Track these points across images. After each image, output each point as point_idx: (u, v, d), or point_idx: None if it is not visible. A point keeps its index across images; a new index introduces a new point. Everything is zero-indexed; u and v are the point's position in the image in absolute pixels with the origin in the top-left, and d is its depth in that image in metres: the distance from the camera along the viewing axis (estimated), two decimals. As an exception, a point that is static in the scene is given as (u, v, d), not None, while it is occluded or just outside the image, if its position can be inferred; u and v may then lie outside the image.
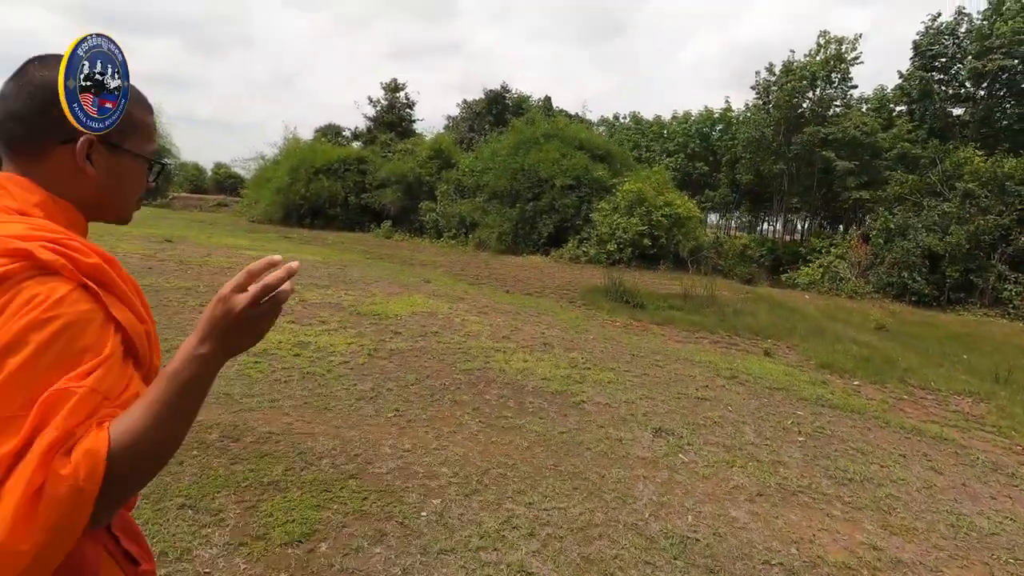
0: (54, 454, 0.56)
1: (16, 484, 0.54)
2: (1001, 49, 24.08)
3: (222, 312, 0.66)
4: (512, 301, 9.33)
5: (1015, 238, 14.74)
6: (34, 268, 0.63)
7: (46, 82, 0.73)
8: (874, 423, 4.65)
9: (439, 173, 24.84)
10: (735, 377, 5.64)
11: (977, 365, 8.41)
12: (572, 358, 5.56)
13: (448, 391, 4.24)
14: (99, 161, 0.77)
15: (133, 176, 0.83)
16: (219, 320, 0.66)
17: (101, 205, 0.80)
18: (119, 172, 0.80)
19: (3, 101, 0.75)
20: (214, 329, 0.66)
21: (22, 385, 0.58)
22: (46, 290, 0.62)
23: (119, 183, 0.80)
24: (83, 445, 0.57)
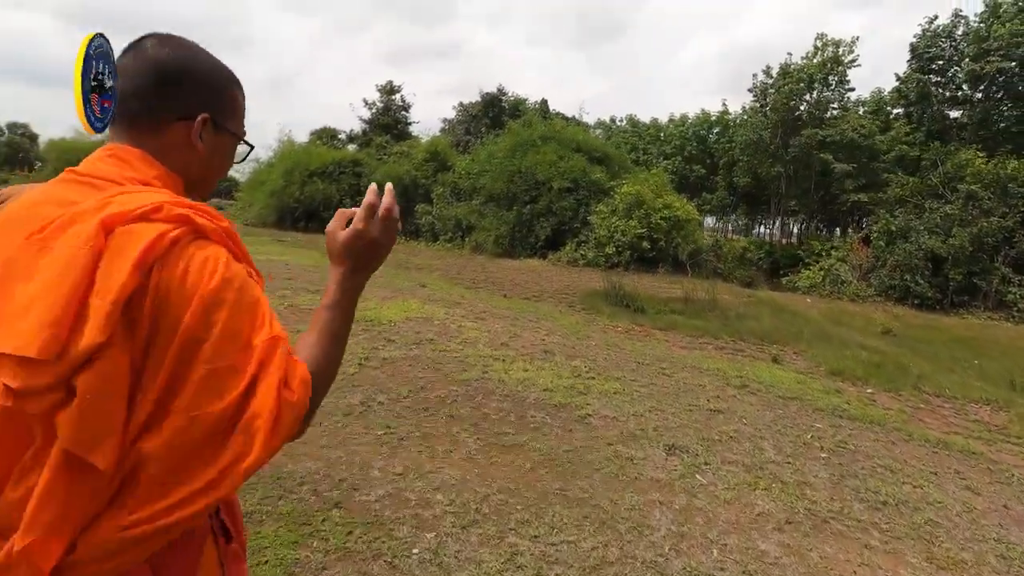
0: (282, 387, 0.66)
1: (262, 413, 0.64)
2: (999, 51, 24.02)
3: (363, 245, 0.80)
4: (510, 306, 9.04)
5: (1019, 240, 14.56)
6: (193, 232, 0.67)
7: (168, 59, 0.77)
8: (897, 436, 4.38)
9: (435, 176, 24.58)
10: (746, 386, 5.36)
11: (989, 371, 8.17)
12: (575, 367, 5.27)
13: (444, 404, 3.94)
14: (207, 139, 0.81)
15: (227, 154, 0.87)
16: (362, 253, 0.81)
17: (200, 181, 0.84)
18: (220, 150, 0.85)
19: (120, 76, 0.75)
20: (358, 261, 0.81)
21: (230, 337, 0.64)
22: (214, 252, 0.67)
23: (217, 161, 0.85)
24: (296, 375, 0.69)
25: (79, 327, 0.57)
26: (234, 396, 0.63)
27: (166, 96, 0.77)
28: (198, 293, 0.63)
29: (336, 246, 0.82)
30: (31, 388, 0.56)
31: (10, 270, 0.61)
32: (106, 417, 0.59)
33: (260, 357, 0.66)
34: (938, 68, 27.92)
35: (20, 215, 0.67)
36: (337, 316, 0.79)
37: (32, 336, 0.55)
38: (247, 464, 0.64)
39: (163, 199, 0.68)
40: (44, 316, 0.56)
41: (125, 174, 0.73)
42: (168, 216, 0.65)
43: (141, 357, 0.61)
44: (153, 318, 0.61)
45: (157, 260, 0.62)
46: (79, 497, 0.59)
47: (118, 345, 0.59)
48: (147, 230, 0.63)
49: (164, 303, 0.62)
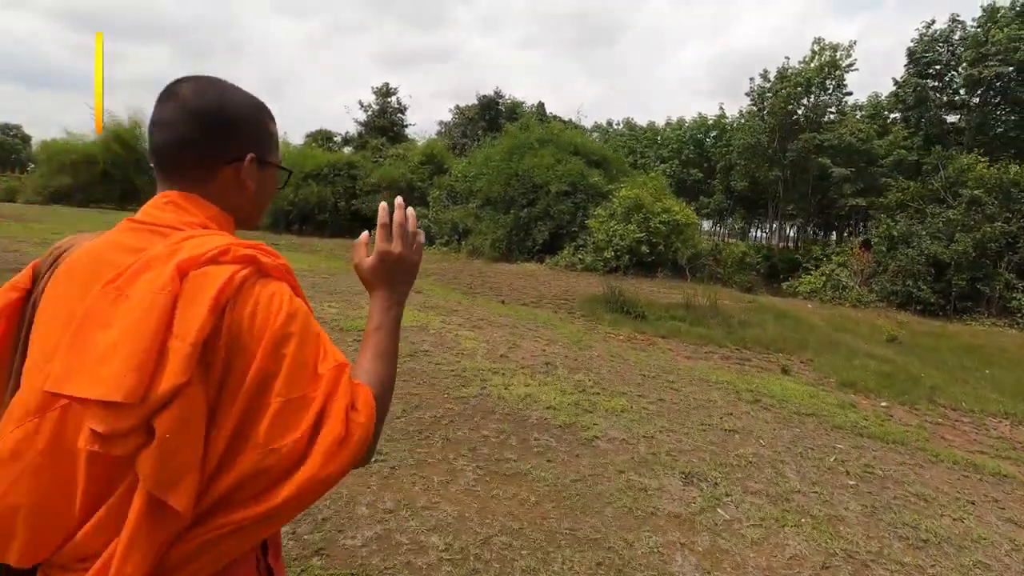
0: (350, 410, 0.69)
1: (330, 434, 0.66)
2: (997, 56, 23.98)
3: (392, 263, 0.87)
4: (508, 313, 8.75)
5: (1022, 246, 14.38)
6: (258, 272, 0.70)
7: (206, 106, 0.79)
8: (922, 457, 4.11)
9: (431, 179, 24.31)
10: (758, 401, 5.09)
11: (1003, 382, 7.93)
12: (578, 381, 4.98)
13: (440, 425, 3.64)
14: (253, 176, 0.83)
15: (272, 185, 0.90)
16: (392, 271, 0.87)
17: (250, 215, 0.87)
18: (265, 183, 0.87)
19: (164, 128, 0.78)
20: (391, 280, 0.87)
21: (299, 370, 0.66)
22: (278, 289, 0.70)
23: (265, 194, 0.88)
24: (361, 398, 0.71)
25: (160, 370, 0.59)
26: (307, 426, 0.65)
27: (213, 143, 0.79)
28: (268, 329, 0.65)
29: (368, 273, 0.87)
30: (116, 431, 0.57)
31: (88, 319, 0.62)
32: (184, 457, 0.60)
33: (328, 387, 0.68)
34: (935, 73, 27.89)
35: (88, 266, 0.71)
36: (384, 337, 0.84)
37: (117, 381, 0.57)
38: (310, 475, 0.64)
39: (229, 242, 0.70)
40: (127, 361, 0.58)
41: (183, 219, 0.75)
42: (235, 257, 0.68)
43: (216, 395, 0.63)
44: (226, 357, 0.64)
45: (230, 300, 0.65)
46: (162, 538, 0.61)
47: (195, 385, 0.61)
48: (219, 272, 0.66)
49: (236, 342, 0.64)
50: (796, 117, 29.92)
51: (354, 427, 0.68)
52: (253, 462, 0.63)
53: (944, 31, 27.14)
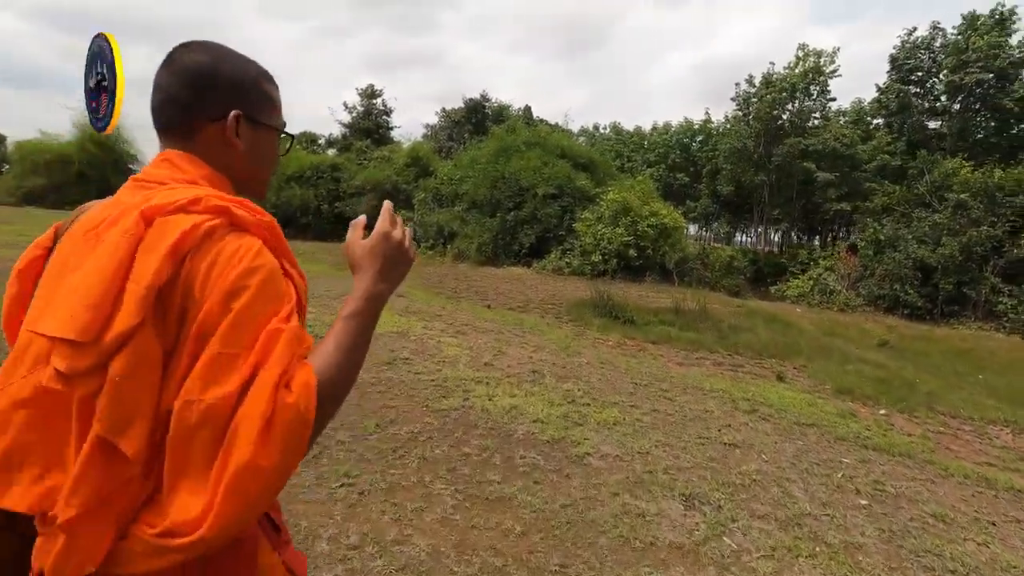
0: (280, 387, 0.62)
1: (252, 412, 0.60)
2: (977, 63, 24.28)
3: (391, 247, 0.81)
4: (494, 318, 8.45)
5: (1008, 250, 14.42)
6: (231, 224, 0.68)
7: (194, 64, 0.78)
8: (932, 471, 3.88)
9: (416, 181, 23.95)
10: (755, 411, 4.83)
11: (997, 387, 7.81)
12: (567, 391, 4.69)
13: (417, 443, 3.32)
14: (244, 135, 0.81)
15: (269, 149, 0.86)
16: (389, 255, 0.81)
17: (246, 179, 0.84)
18: (259, 145, 0.84)
19: (159, 90, 0.79)
20: (385, 264, 0.80)
21: (243, 325, 0.62)
22: (246, 243, 0.67)
23: (260, 156, 0.84)
24: (299, 378, 0.64)
25: (115, 311, 0.59)
26: (233, 387, 0.60)
27: (197, 99, 0.78)
28: (222, 279, 0.63)
29: (361, 252, 0.81)
30: (75, 370, 0.58)
31: (66, 264, 0.66)
32: (135, 402, 0.59)
33: (261, 346, 0.63)
34: (918, 79, 28.20)
35: (85, 220, 0.72)
36: (355, 326, 0.75)
37: (72, 319, 0.58)
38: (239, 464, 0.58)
39: (202, 193, 0.69)
40: (84, 300, 0.59)
41: (175, 176, 0.75)
42: (205, 207, 0.67)
43: (172, 345, 0.62)
44: (181, 305, 0.63)
45: (192, 249, 0.64)
46: (111, 483, 0.59)
47: (150, 330, 0.60)
48: (183, 220, 0.65)
49: (191, 290, 0.63)
50: (781, 122, 30.06)
51: (280, 407, 0.61)
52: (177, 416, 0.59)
53: (925, 38, 27.47)
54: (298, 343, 0.66)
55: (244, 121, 0.80)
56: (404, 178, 24.29)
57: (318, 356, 0.70)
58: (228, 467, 0.58)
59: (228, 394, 0.60)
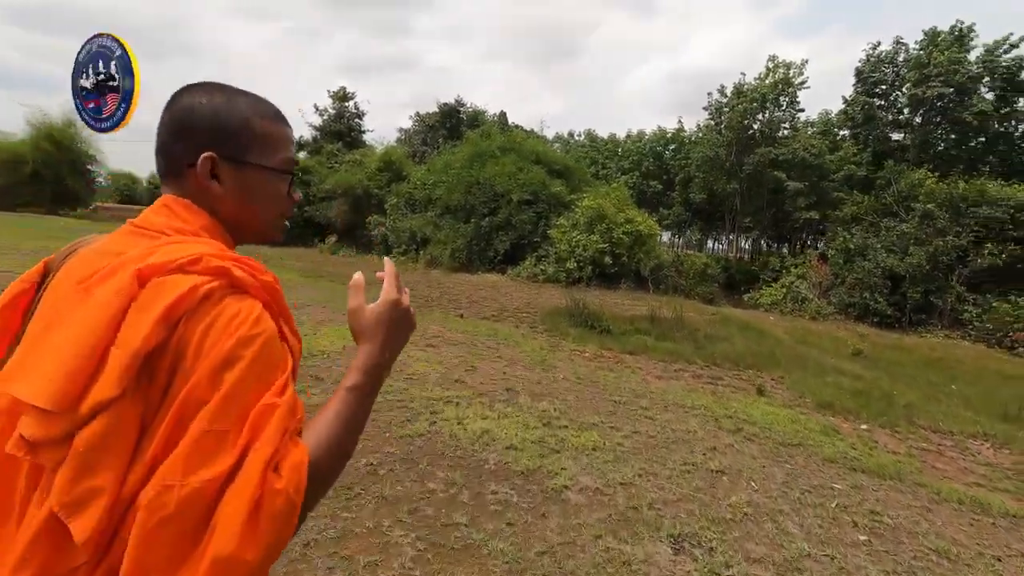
0: (268, 469, 0.56)
1: (238, 498, 0.54)
2: (939, 77, 25.05)
3: (399, 315, 0.78)
4: (466, 328, 8.11)
5: (972, 259, 14.74)
6: (230, 286, 0.64)
7: (179, 110, 0.76)
8: (925, 496, 3.69)
9: (389, 186, 23.44)
10: (740, 430, 4.61)
11: (970, 397, 7.81)
12: (543, 411, 4.38)
13: (376, 477, 2.96)
14: (226, 178, 0.76)
15: (264, 190, 0.80)
16: (396, 324, 0.78)
17: (240, 223, 0.79)
18: (248, 187, 0.78)
19: (157, 136, 0.78)
20: (392, 333, 0.77)
21: (235, 399, 0.58)
22: (246, 307, 0.63)
23: (250, 198, 0.78)
24: (289, 459, 0.59)
25: (95, 379, 0.54)
26: (222, 469, 0.55)
27: (175, 144, 0.76)
28: (215, 348, 0.58)
29: (367, 320, 0.76)
30: (42, 439, 0.53)
31: (53, 316, 0.61)
32: (98, 479, 0.53)
33: (252, 424, 0.58)
34: (882, 92, 29.00)
35: (79, 264, 0.68)
36: (357, 399, 0.72)
37: (46, 385, 0.53)
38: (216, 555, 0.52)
39: (204, 251, 0.65)
40: (62, 366, 0.54)
41: (173, 224, 0.72)
42: (205, 268, 0.63)
43: (152, 418, 0.56)
44: (169, 375, 0.57)
45: (187, 312, 0.59)
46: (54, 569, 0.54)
47: (129, 402, 0.55)
48: (180, 282, 0.60)
49: (181, 359, 0.58)
50: (752, 132, 30.56)
51: (267, 494, 0.55)
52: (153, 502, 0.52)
53: (889, 53, 28.28)
54: (290, 417, 0.61)
55: (224, 163, 0.75)
56: (376, 183, 23.75)
57: (314, 431, 0.66)
58: (204, 559, 0.52)
59: (214, 477, 0.54)
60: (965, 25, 25.60)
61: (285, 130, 0.82)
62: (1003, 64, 24.56)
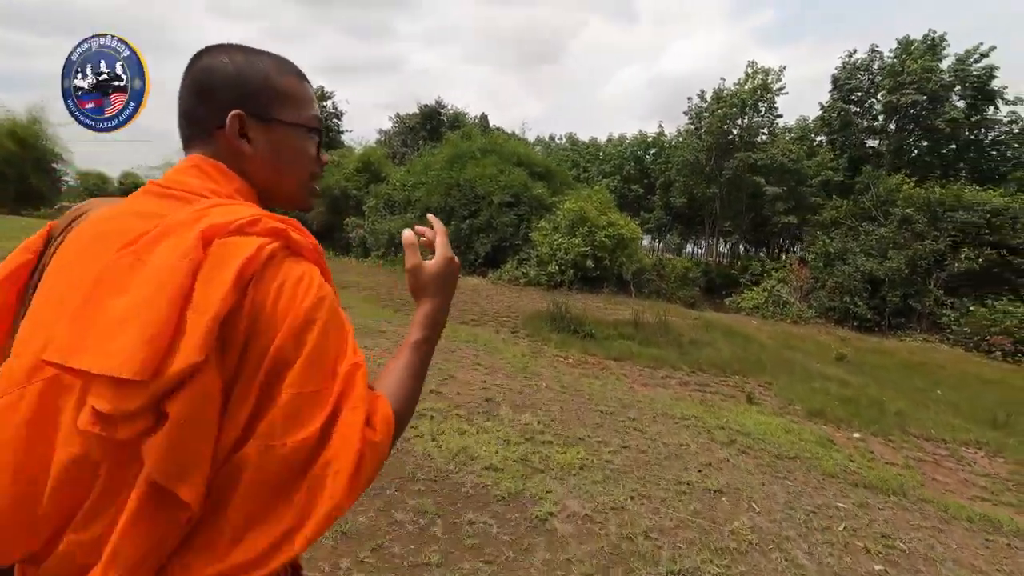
0: (366, 425, 0.59)
1: (346, 455, 0.57)
2: (912, 85, 25.51)
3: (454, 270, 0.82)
4: (445, 333, 7.70)
5: (949, 264, 14.88)
6: (288, 248, 0.63)
7: (202, 68, 0.73)
8: (934, 514, 3.47)
9: (368, 187, 22.94)
10: (733, 442, 4.35)
11: (957, 403, 7.73)
12: (525, 425, 4.06)
13: (336, 506, 2.61)
14: (256, 137, 0.74)
15: (293, 149, 0.77)
16: (453, 279, 0.82)
17: (271, 187, 0.76)
18: (278, 146, 0.75)
19: (179, 102, 0.75)
20: (450, 289, 0.81)
21: (319, 361, 0.58)
22: (308, 270, 0.62)
23: (281, 158, 0.76)
24: (380, 413, 0.62)
25: (175, 345, 0.52)
26: (316, 426, 0.57)
27: (201, 106, 0.73)
28: (292, 311, 0.58)
29: (428, 277, 0.79)
30: (122, 412, 0.51)
31: (101, 285, 0.56)
32: (196, 445, 0.53)
33: (341, 386, 0.59)
34: (857, 99, 29.48)
35: (105, 228, 0.65)
36: (425, 352, 0.76)
37: (128, 355, 0.51)
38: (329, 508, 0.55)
39: (259, 213, 0.64)
40: (142, 333, 0.52)
41: (209, 186, 0.69)
42: (265, 230, 0.62)
43: (232, 380, 0.56)
44: (245, 338, 0.56)
45: (255, 275, 0.58)
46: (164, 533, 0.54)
47: (212, 366, 0.54)
48: (245, 243, 0.59)
49: (257, 321, 0.57)
50: (731, 136, 30.78)
51: (368, 446, 0.58)
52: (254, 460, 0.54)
53: (865, 60, 28.75)
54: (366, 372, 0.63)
55: (251, 120, 0.72)
56: (354, 184, 23.22)
57: (389, 385, 0.69)
58: (317, 509, 0.55)
59: (309, 435, 0.56)
60: (937, 34, 26.14)
61: (308, 88, 0.79)
62: (974, 73, 25.13)
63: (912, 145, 28.38)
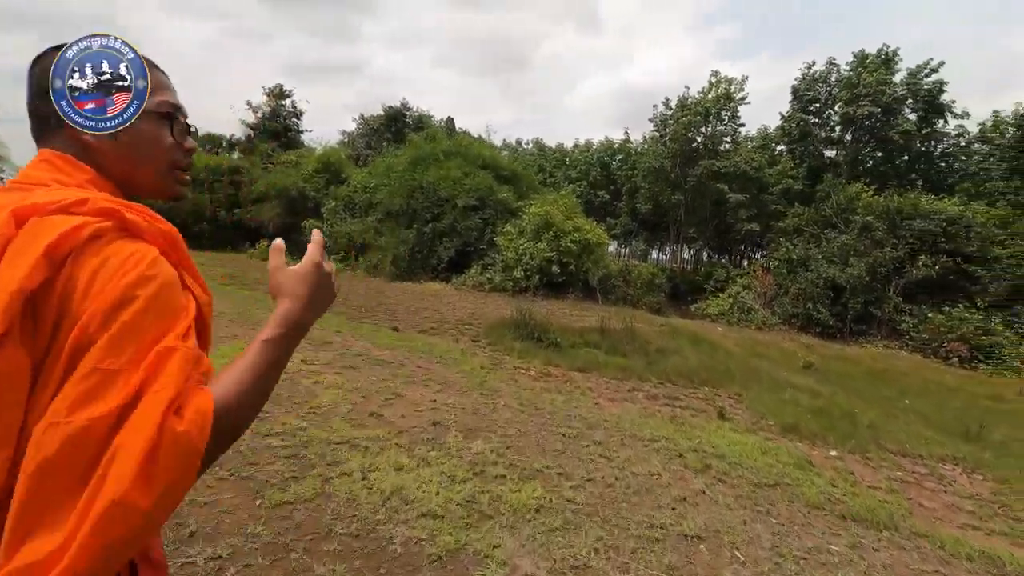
0: (171, 412, 0.54)
1: (134, 439, 0.51)
2: (868, 97, 26.22)
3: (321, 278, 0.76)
4: (399, 343, 7.16)
5: (908, 271, 15.09)
6: (122, 228, 0.61)
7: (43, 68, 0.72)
8: (930, 552, 3.10)
9: (327, 188, 22.05)
10: (708, 467, 3.93)
11: (926, 414, 7.59)
12: (476, 454, 3.53)
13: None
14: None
15: (144, 137, 0.74)
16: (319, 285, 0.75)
17: (128, 177, 0.74)
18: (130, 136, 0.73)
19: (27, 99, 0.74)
20: (314, 294, 0.74)
21: (129, 339, 0.55)
22: (141, 248, 0.60)
23: (131, 148, 0.73)
24: (193, 403, 0.56)
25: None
26: (111, 406, 0.52)
27: (44, 100, 0.71)
28: (109, 288, 0.55)
29: (288, 278, 0.75)
30: None
31: None
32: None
33: (150, 364, 0.55)
34: (816, 110, 30.19)
35: None
36: (272, 352, 0.67)
37: None
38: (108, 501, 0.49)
39: (90, 195, 0.62)
40: None
41: (56, 177, 0.68)
42: (92, 209, 0.60)
43: (41, 360, 0.54)
44: (58, 315, 0.54)
45: (73, 251, 0.56)
46: None
47: (16, 343, 0.52)
48: (64, 221, 0.57)
49: (69, 298, 0.55)
50: (696, 144, 31.07)
51: (168, 435, 0.52)
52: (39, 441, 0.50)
53: (823, 72, 29.46)
54: (195, 365, 0.58)
55: None
56: (313, 185, 22.29)
57: (222, 380, 0.62)
58: (96, 502, 0.49)
59: (102, 415, 0.51)
60: (891, 49, 26.98)
61: (159, 75, 0.77)
62: (924, 87, 26.01)
63: (868, 156, 29.20)
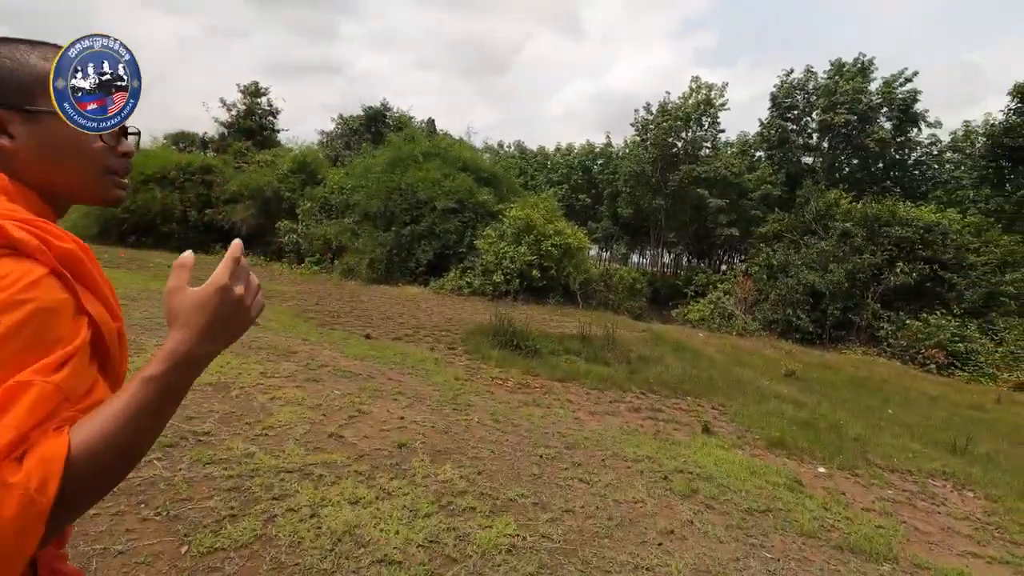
0: (5, 458, 0.48)
1: None
2: (844, 105, 26.57)
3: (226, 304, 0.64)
4: (369, 353, 6.79)
5: (886, 277, 15.18)
6: (6, 247, 0.57)
7: None
8: (934, 587, 2.87)
9: (303, 189, 21.47)
10: (695, 492, 3.66)
11: (911, 424, 7.48)
12: (444, 482, 3.21)
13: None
14: (18, 132, 0.67)
15: (66, 140, 0.69)
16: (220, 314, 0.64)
17: (49, 184, 0.69)
18: (46, 139, 0.68)
19: None
20: (213, 323, 0.63)
21: None
22: (20, 270, 0.56)
23: (51, 152, 0.69)
24: (38, 450, 0.50)
25: None
26: None
27: None
28: None
29: (184, 304, 0.62)
30: None
31: None
32: None
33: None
34: (794, 117, 30.53)
35: None
36: (154, 393, 0.58)
37: None
38: None
39: None
40: None
41: None
42: None
43: None
44: None
45: None
46: None
47: None
48: None
49: None
50: (676, 149, 31.20)
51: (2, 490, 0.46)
52: None
53: (801, 80, 29.79)
54: (59, 402, 0.53)
55: (10, 114, 0.66)
56: (288, 185, 21.68)
57: (89, 423, 0.54)
58: None
59: None
60: (867, 58, 27.41)
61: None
62: (899, 96, 26.45)
63: (844, 162, 29.61)
